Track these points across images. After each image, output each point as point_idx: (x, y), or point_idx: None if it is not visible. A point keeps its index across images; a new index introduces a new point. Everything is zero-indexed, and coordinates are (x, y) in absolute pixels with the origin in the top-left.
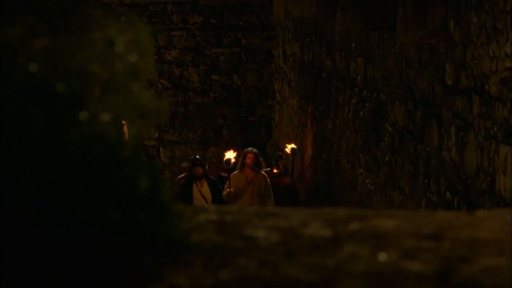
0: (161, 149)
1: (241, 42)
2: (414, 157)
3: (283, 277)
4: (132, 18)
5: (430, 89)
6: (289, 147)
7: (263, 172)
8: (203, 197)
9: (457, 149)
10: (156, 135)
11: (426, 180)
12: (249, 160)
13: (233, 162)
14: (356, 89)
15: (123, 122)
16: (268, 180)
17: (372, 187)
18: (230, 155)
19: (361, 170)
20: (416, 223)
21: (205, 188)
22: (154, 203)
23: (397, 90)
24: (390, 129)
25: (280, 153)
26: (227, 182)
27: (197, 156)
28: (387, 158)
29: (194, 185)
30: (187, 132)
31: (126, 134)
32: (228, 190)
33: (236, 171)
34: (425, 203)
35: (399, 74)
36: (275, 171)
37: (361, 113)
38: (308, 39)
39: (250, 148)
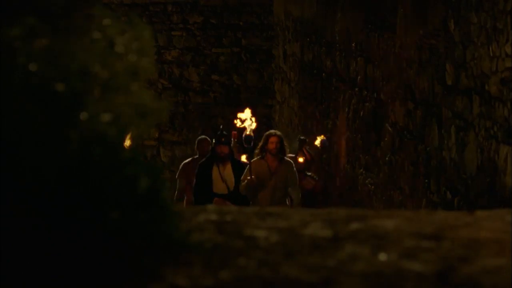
0: (161, 149)
1: (241, 42)
2: (414, 157)
3: (283, 277)
4: (132, 18)
5: (430, 89)
6: (318, 139)
7: (288, 159)
8: (224, 182)
9: (457, 149)
10: (156, 135)
11: (426, 180)
12: (272, 145)
13: (251, 131)
14: (356, 89)
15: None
16: (294, 167)
17: (372, 187)
18: (247, 115)
19: (361, 170)
20: (416, 223)
21: (228, 172)
22: (154, 203)
23: (397, 90)
24: (390, 129)
25: (302, 137)
26: (246, 170)
27: (224, 132)
28: (387, 158)
29: (215, 167)
30: (187, 132)
31: (128, 142)
32: (248, 178)
33: (256, 158)
34: (425, 203)
35: (399, 74)
36: (300, 160)
37: (361, 113)
38: (308, 39)
39: (272, 131)
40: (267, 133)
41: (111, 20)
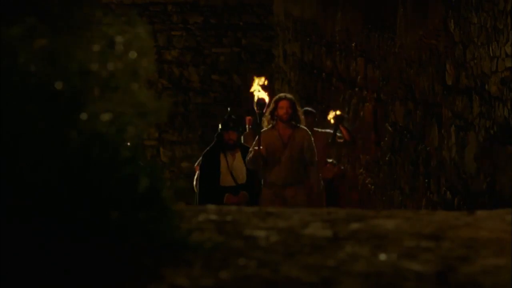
0: (161, 149)
1: (241, 42)
2: (414, 157)
3: (283, 277)
4: (131, 17)
5: (430, 89)
6: (331, 114)
7: (303, 127)
8: (231, 174)
9: (457, 149)
10: (156, 135)
11: (426, 180)
12: (282, 110)
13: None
14: (356, 89)
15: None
16: (312, 138)
17: (372, 187)
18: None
19: (361, 170)
20: (416, 223)
21: (238, 162)
22: (154, 203)
23: (397, 90)
24: (390, 129)
25: (340, 113)
26: (255, 141)
27: (233, 116)
28: (387, 158)
29: (222, 157)
30: (187, 132)
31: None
32: (254, 149)
33: (266, 128)
34: (425, 203)
35: (399, 74)
36: (338, 140)
37: (361, 113)
38: (308, 39)
39: (282, 94)
40: (276, 97)
41: (111, 19)
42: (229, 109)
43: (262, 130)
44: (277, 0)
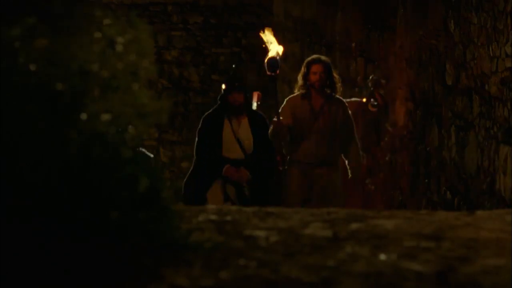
0: (161, 149)
1: (241, 42)
2: (414, 157)
3: (283, 277)
4: (132, 18)
5: (430, 89)
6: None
7: (339, 97)
8: (238, 141)
9: (457, 149)
10: (156, 135)
11: (426, 180)
12: (315, 76)
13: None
14: (356, 89)
15: None
16: (349, 109)
17: (372, 187)
18: (269, 38)
19: None
20: (416, 223)
21: (244, 129)
22: (154, 203)
23: (397, 90)
24: (390, 129)
25: (376, 77)
26: (279, 111)
27: (238, 74)
28: (387, 158)
29: (226, 123)
30: (187, 132)
31: None
32: (274, 120)
33: (295, 94)
34: (425, 203)
35: (399, 74)
36: (371, 108)
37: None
38: (308, 39)
39: (315, 56)
40: (309, 59)
41: (111, 20)
42: (234, 66)
43: (289, 96)
44: (277, 0)
